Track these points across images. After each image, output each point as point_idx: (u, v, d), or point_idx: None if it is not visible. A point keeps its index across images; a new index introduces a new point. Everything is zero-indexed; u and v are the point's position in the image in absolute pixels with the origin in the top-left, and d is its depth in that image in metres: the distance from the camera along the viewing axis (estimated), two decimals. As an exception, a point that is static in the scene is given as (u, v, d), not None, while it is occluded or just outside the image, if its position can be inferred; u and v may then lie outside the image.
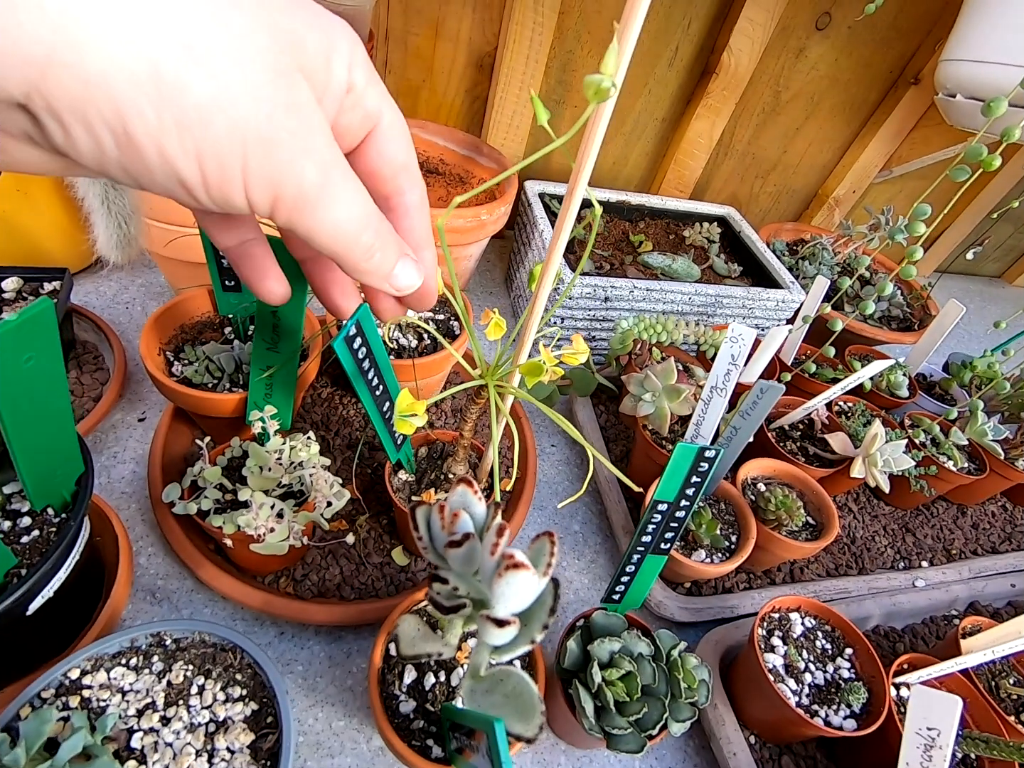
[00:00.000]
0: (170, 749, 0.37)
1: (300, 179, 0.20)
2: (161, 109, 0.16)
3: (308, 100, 0.20)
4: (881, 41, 1.07)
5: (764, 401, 0.57)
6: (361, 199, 0.23)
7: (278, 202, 0.20)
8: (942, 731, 0.39)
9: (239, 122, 0.18)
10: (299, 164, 0.20)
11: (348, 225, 0.23)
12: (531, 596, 0.30)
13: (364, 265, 0.25)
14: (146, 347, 0.56)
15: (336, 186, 0.22)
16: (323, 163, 0.21)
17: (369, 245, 0.24)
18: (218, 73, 0.17)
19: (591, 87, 0.22)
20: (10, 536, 0.40)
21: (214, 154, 0.18)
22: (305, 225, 0.22)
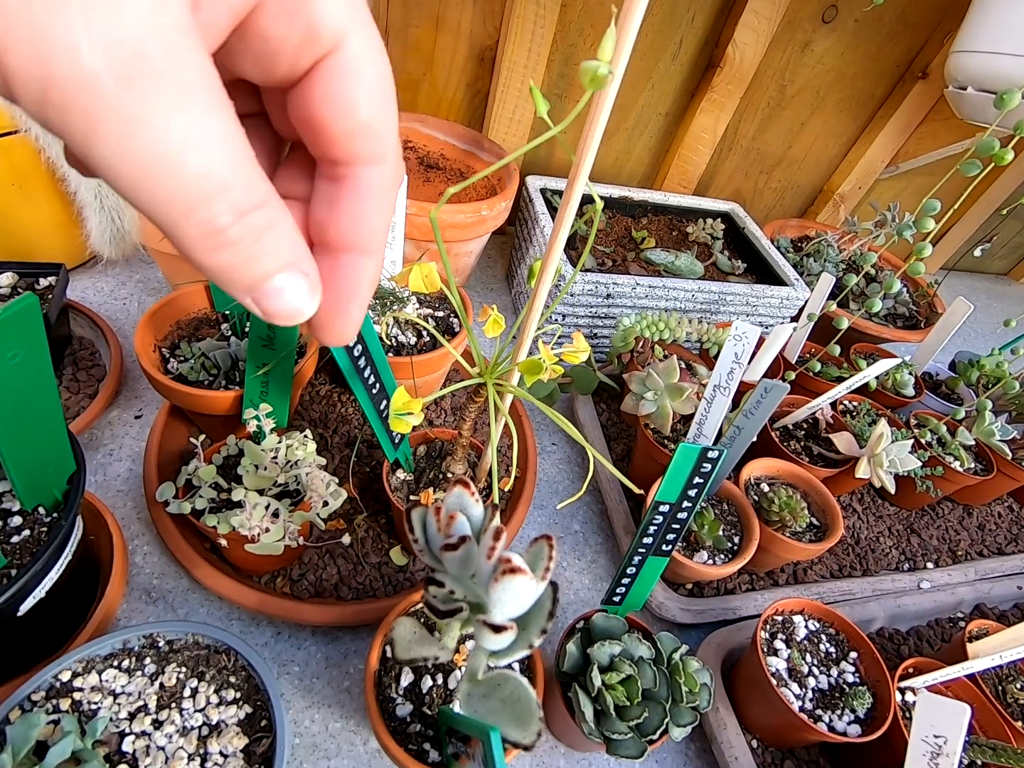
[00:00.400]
0: (162, 753, 0.36)
1: (75, 66, 0.11)
2: None
3: None
4: (888, 34, 1.05)
5: (768, 400, 0.56)
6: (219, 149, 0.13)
7: (46, 96, 0.12)
8: (949, 739, 0.38)
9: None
10: (72, 40, 0.11)
11: (176, 179, 0.13)
12: (528, 601, 0.29)
13: (203, 256, 0.15)
14: (141, 344, 0.56)
15: (157, 104, 0.12)
16: (131, 54, 0.12)
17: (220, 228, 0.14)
18: None
19: (587, 74, 0.21)
20: (0, 536, 0.39)
21: None
22: (94, 154, 0.12)
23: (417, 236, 0.77)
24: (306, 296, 0.17)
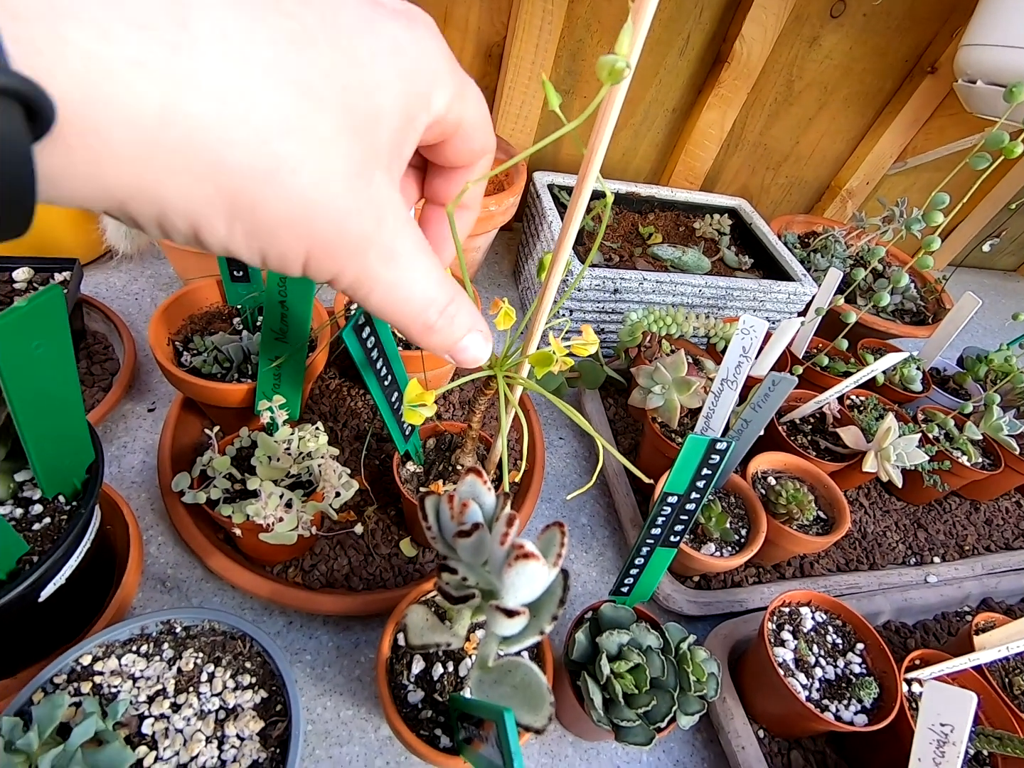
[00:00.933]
0: (180, 735, 0.37)
1: (360, 266, 0.20)
2: (232, 225, 0.17)
3: (382, 191, 0.19)
4: (897, 29, 1.05)
5: (776, 394, 0.57)
6: (426, 282, 0.22)
7: (335, 281, 0.20)
8: (956, 727, 0.39)
9: (307, 234, 0.18)
10: (361, 254, 0.19)
11: (407, 306, 0.22)
12: (541, 586, 0.30)
13: (421, 341, 0.24)
14: (155, 337, 0.57)
15: (399, 272, 0.21)
16: (387, 250, 0.20)
17: (427, 324, 0.23)
18: (295, 194, 0.17)
19: (605, 68, 0.21)
20: (22, 523, 0.40)
21: (278, 255, 0.18)
22: (360, 298, 0.21)
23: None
24: (483, 346, 0.27)
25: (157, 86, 0.14)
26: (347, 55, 0.18)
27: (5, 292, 0.62)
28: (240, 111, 0.15)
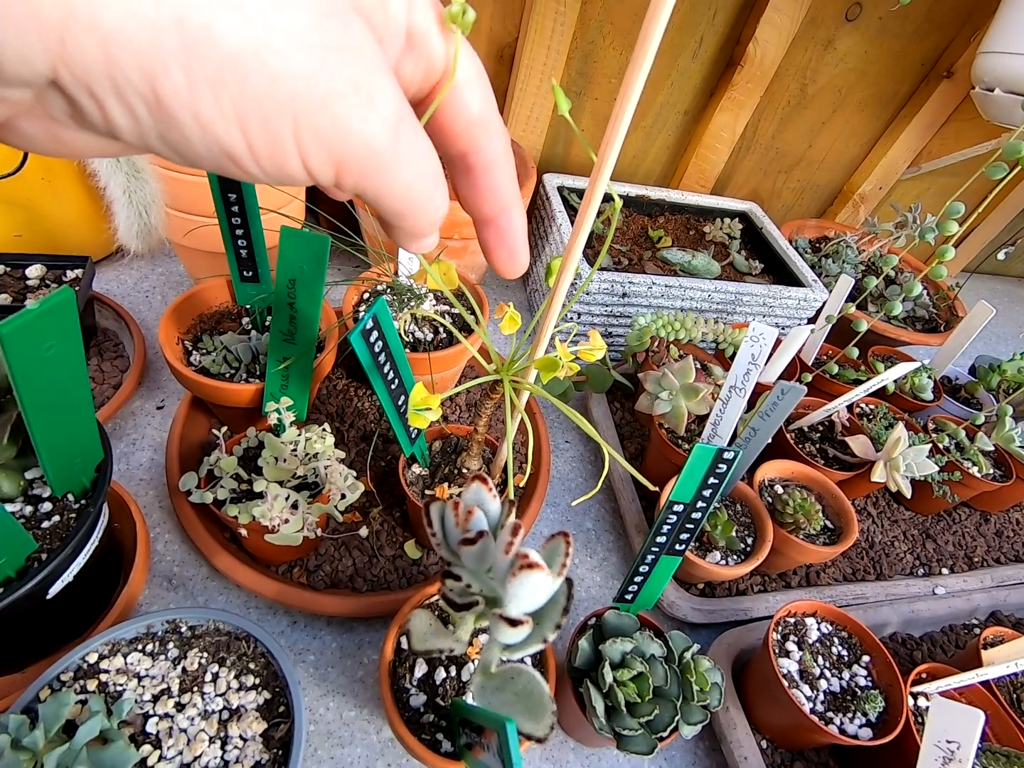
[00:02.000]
0: (184, 735, 0.37)
1: (367, 138, 0.17)
2: (189, 65, 0.14)
3: (366, 40, 0.17)
4: (914, 33, 1.03)
5: (784, 402, 0.56)
6: (430, 149, 0.20)
7: (343, 168, 0.17)
8: (962, 744, 0.38)
9: (284, 75, 0.15)
10: (363, 120, 0.17)
11: (422, 183, 0.20)
12: (544, 596, 0.30)
13: (421, 220, 0.22)
14: (165, 336, 0.57)
15: (408, 140, 0.18)
16: (392, 114, 0.17)
17: (439, 205, 0.21)
18: (254, 16, 0.14)
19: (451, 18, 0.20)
20: (31, 521, 0.40)
21: (258, 116, 0.15)
22: (375, 189, 0.19)
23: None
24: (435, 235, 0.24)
25: None
26: None
27: (19, 289, 0.63)
28: None
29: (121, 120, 0.15)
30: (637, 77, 0.26)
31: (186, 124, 0.15)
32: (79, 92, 0.14)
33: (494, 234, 0.26)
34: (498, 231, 0.26)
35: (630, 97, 0.27)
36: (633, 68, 0.25)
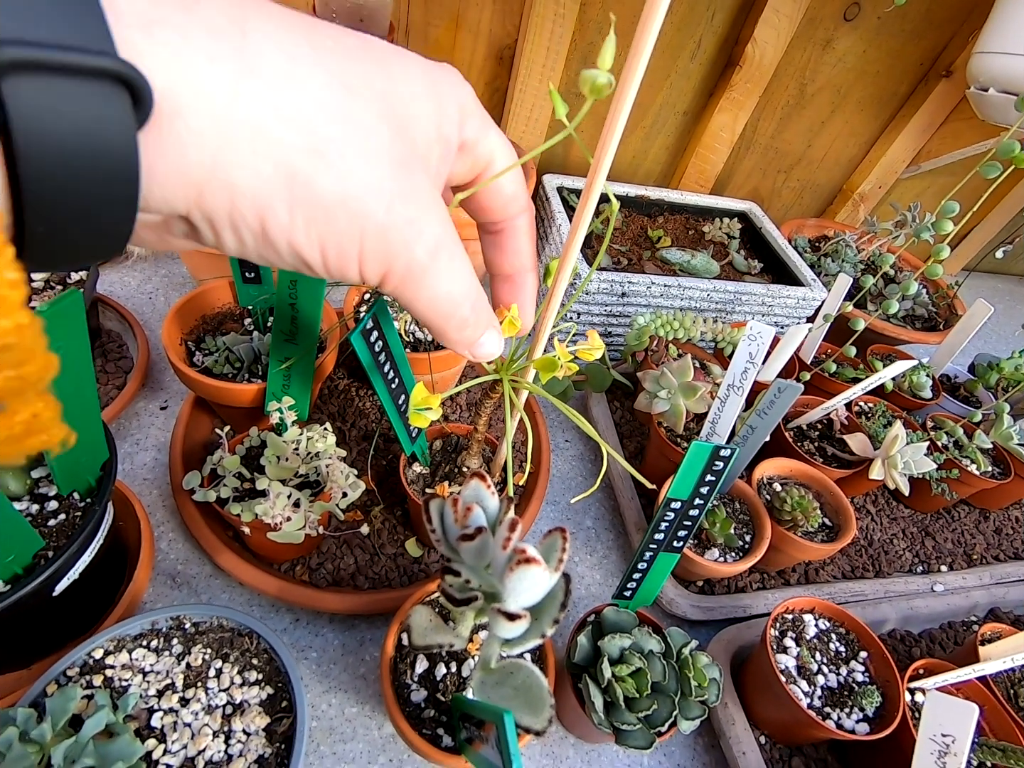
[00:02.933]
0: (188, 729, 0.38)
1: (409, 259, 0.22)
2: (293, 209, 0.19)
3: (423, 185, 0.21)
4: (912, 32, 1.04)
5: (782, 400, 0.57)
6: (464, 276, 0.25)
7: (387, 276, 0.22)
8: (957, 738, 0.38)
9: (360, 215, 0.20)
10: (410, 246, 0.21)
11: (448, 300, 0.24)
12: (542, 591, 0.30)
13: (454, 335, 0.27)
14: (168, 337, 0.58)
15: (442, 264, 0.23)
16: (433, 244, 0.22)
17: (464, 319, 0.26)
18: (345, 173, 0.19)
19: (587, 83, 0.21)
20: (38, 519, 0.41)
21: (335, 243, 0.20)
22: (408, 297, 0.23)
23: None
24: (498, 341, 0.30)
25: (226, 74, 0.16)
26: (382, 70, 0.20)
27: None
28: (292, 97, 0.17)
29: (230, 243, 0.19)
30: (632, 79, 0.26)
31: (280, 248, 0.20)
32: (202, 224, 0.18)
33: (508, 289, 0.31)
34: (512, 287, 0.30)
35: (625, 99, 0.27)
36: (628, 70, 0.26)
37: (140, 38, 0.15)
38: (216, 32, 0.16)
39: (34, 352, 0.14)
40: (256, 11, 0.17)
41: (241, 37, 0.17)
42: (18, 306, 0.13)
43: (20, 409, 0.15)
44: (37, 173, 0.14)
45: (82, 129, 0.14)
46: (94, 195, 0.15)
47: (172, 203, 0.17)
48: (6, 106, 0.13)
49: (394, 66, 0.20)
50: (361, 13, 0.77)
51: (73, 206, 0.15)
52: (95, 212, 0.15)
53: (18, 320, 0.13)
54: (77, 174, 0.14)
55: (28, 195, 0.14)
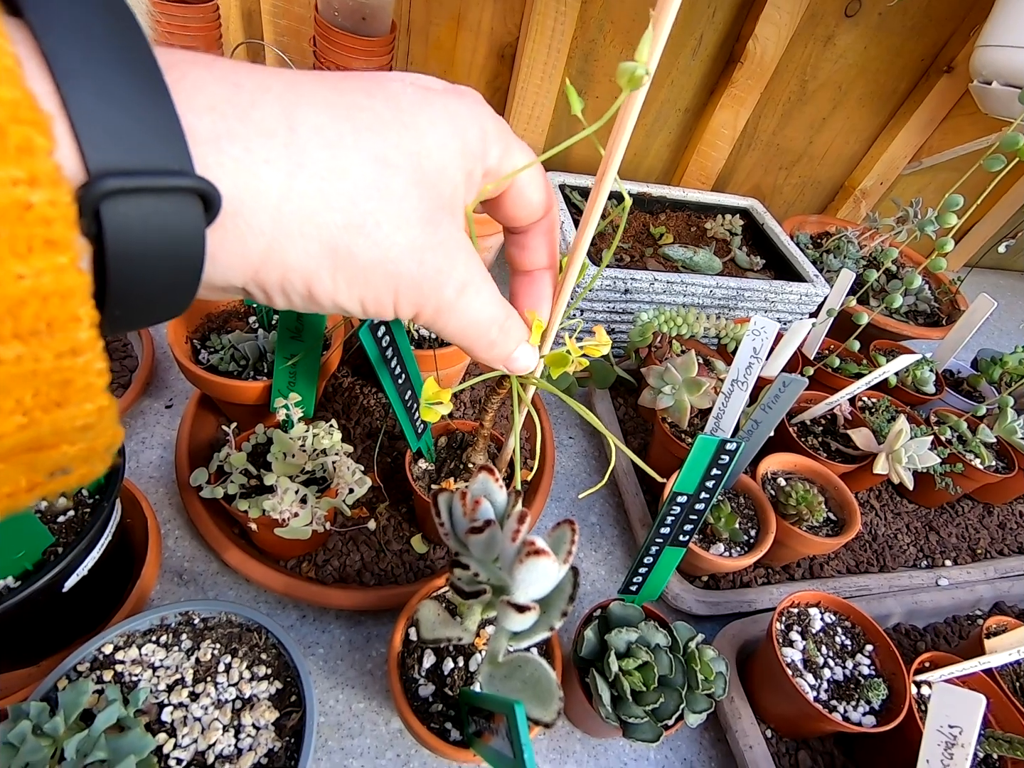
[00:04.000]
0: (199, 724, 0.38)
1: (439, 299, 0.25)
2: (336, 275, 0.21)
3: (450, 233, 0.24)
4: (913, 28, 1.04)
5: (786, 395, 0.57)
6: (489, 304, 0.27)
7: (419, 314, 0.25)
8: (964, 729, 0.39)
9: (395, 274, 0.22)
10: (440, 289, 0.24)
11: (475, 327, 0.27)
12: (551, 582, 0.30)
13: (484, 355, 0.30)
14: (174, 335, 0.58)
15: (469, 299, 0.26)
16: (460, 284, 0.25)
17: (492, 341, 0.28)
18: (380, 240, 0.21)
19: (625, 74, 0.22)
20: (47, 516, 0.41)
21: (374, 297, 0.23)
22: (439, 327, 0.26)
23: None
24: (531, 354, 0.32)
25: (278, 174, 0.19)
26: (410, 128, 0.22)
27: (29, 290, 0.64)
28: (335, 184, 0.20)
29: (280, 303, 0.22)
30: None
31: (325, 304, 0.22)
32: (255, 291, 0.21)
33: (527, 284, 0.32)
34: (531, 283, 0.32)
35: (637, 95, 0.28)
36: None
37: (210, 152, 0.17)
38: (269, 134, 0.18)
39: (108, 429, 0.16)
40: (305, 101, 0.20)
41: (290, 133, 0.19)
42: (102, 391, 0.16)
43: (81, 469, 0.17)
44: (122, 274, 0.16)
45: (163, 235, 0.16)
46: (165, 283, 0.17)
47: (231, 280, 0.20)
48: (103, 225, 0.15)
49: (421, 119, 0.22)
50: (363, 12, 0.77)
51: (147, 295, 0.17)
52: (164, 295, 0.18)
53: (100, 403, 0.16)
54: (155, 270, 0.17)
55: (112, 291, 0.16)
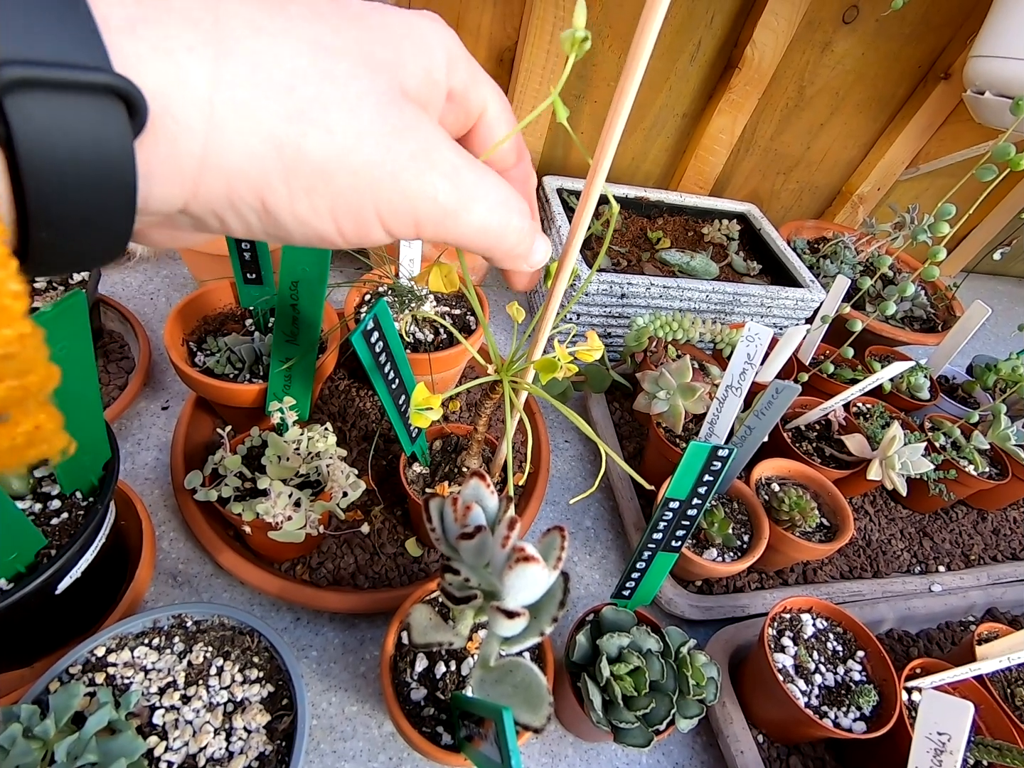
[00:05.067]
0: (190, 727, 0.38)
1: (433, 194, 0.20)
2: (289, 180, 0.18)
3: (418, 116, 0.20)
4: (910, 35, 1.04)
5: (779, 401, 0.57)
6: (499, 187, 0.23)
7: (420, 224, 0.21)
8: (953, 736, 0.39)
9: (360, 167, 0.19)
10: (427, 181, 0.20)
11: (494, 218, 0.22)
12: (541, 589, 0.30)
13: (517, 251, 0.25)
14: (170, 337, 0.58)
15: (471, 186, 0.21)
16: (451, 169, 0.21)
17: (519, 228, 0.24)
18: (331, 127, 0.18)
19: (567, 41, 0.23)
20: (41, 518, 0.41)
21: (345, 207, 0.19)
22: (453, 235, 0.22)
23: (435, 235, 0.78)
24: (547, 248, 0.27)
25: (204, 63, 0.16)
26: (357, 23, 0.19)
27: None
28: (269, 71, 0.17)
29: (236, 227, 0.19)
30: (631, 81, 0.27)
31: (288, 223, 0.19)
32: (205, 214, 0.18)
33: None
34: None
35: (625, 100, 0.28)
36: (628, 72, 0.26)
37: (126, 41, 0.15)
38: (192, 22, 0.16)
39: (36, 362, 0.15)
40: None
41: (215, 22, 0.16)
42: (20, 316, 0.14)
43: (22, 420, 0.15)
44: (40, 184, 0.14)
45: (82, 141, 0.14)
46: (94, 202, 0.15)
47: (171, 201, 0.17)
48: (10, 123, 0.13)
49: (371, 18, 0.20)
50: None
51: (74, 214, 0.15)
52: (95, 218, 0.16)
53: (21, 330, 0.14)
54: (78, 184, 0.15)
55: (32, 206, 0.14)
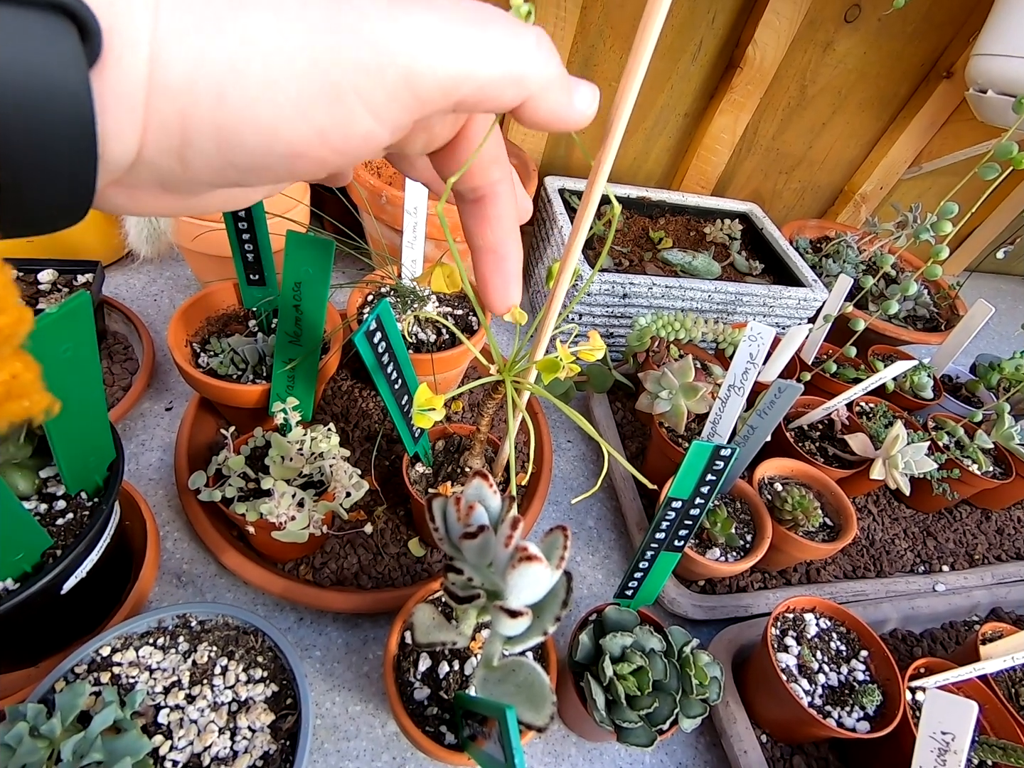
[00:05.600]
0: (195, 726, 0.38)
1: (429, 40, 0.15)
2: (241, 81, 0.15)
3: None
4: (913, 33, 1.04)
5: (782, 400, 0.57)
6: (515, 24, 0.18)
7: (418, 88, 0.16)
8: (957, 735, 0.39)
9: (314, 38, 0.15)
10: (416, 22, 0.15)
11: (522, 51, 0.18)
12: (544, 588, 0.30)
13: (558, 81, 0.20)
14: (174, 338, 0.58)
15: (477, 18, 0.16)
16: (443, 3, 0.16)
17: (551, 48, 0.19)
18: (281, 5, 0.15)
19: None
20: (46, 518, 0.41)
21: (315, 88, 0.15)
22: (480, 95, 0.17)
23: (438, 236, 0.79)
24: (593, 90, 0.23)
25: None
26: None
27: (31, 293, 0.64)
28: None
29: (194, 161, 0.16)
30: (633, 81, 0.27)
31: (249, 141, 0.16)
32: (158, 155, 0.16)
33: (491, 262, 0.28)
34: (496, 259, 0.27)
35: (626, 101, 0.28)
36: (629, 72, 0.26)
37: None
38: None
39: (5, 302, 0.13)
40: None
41: None
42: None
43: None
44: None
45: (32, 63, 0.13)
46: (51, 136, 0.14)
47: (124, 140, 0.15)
48: None
49: None
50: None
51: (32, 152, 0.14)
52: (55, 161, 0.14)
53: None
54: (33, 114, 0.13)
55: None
